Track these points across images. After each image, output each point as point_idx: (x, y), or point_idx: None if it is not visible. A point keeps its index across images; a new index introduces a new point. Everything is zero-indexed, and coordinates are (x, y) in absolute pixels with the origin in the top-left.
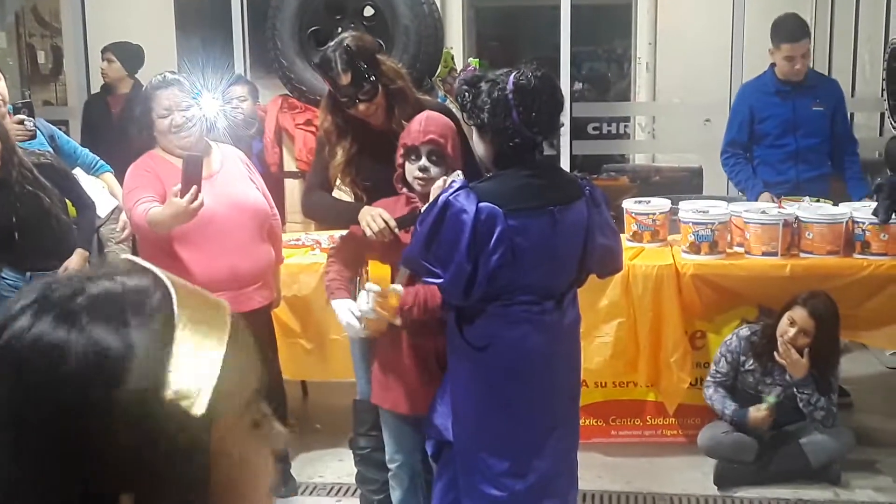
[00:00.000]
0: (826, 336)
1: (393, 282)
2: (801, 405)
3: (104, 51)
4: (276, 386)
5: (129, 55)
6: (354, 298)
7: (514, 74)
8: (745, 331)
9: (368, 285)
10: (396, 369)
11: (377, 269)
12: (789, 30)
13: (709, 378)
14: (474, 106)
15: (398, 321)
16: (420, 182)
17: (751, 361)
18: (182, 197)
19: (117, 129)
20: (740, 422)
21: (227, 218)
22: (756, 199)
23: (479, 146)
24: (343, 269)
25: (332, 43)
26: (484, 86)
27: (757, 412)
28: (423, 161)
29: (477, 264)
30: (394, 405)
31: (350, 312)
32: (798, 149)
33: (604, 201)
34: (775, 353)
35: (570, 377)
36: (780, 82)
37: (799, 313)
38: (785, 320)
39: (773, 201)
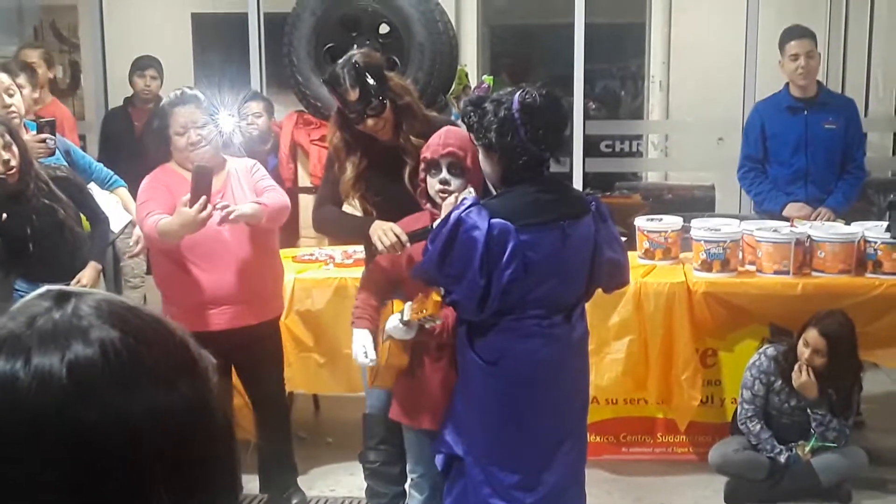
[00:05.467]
0: (840, 355)
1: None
2: (813, 425)
3: (145, 67)
4: (276, 398)
5: (162, 70)
6: (378, 328)
7: (518, 93)
8: (771, 350)
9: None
10: (419, 386)
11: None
12: (793, 30)
13: (746, 405)
14: (481, 126)
15: (405, 360)
16: (442, 195)
17: (779, 382)
18: (191, 207)
19: (140, 141)
20: (792, 467)
21: (234, 233)
22: (780, 210)
23: (486, 165)
24: (369, 296)
25: (340, 60)
26: (489, 106)
27: (803, 455)
28: (444, 174)
29: (490, 279)
30: (417, 422)
31: (363, 348)
32: (808, 168)
33: (609, 216)
34: (793, 375)
35: (579, 391)
36: (793, 99)
37: (811, 334)
38: (800, 342)
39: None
